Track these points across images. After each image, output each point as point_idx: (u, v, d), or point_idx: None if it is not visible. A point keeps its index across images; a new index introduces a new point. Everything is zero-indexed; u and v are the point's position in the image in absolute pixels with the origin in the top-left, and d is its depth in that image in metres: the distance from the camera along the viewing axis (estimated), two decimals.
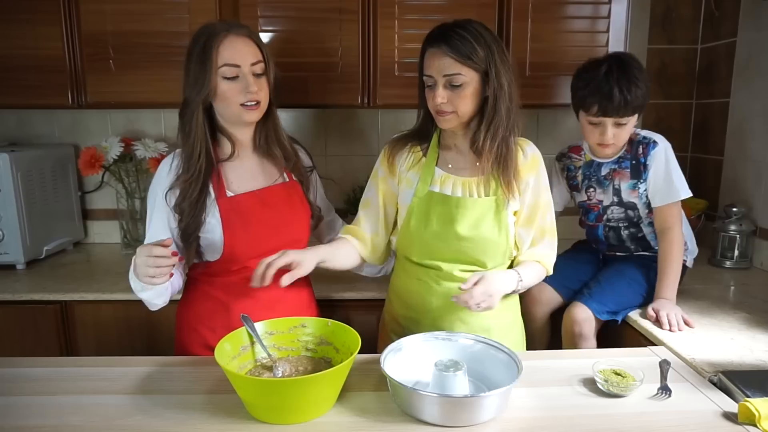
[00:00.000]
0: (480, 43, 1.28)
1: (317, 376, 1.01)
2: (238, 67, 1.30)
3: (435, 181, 1.39)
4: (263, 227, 1.38)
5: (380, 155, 1.48)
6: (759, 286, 1.85)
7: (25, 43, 1.92)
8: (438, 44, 1.28)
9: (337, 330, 1.19)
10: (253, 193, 1.39)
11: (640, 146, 1.66)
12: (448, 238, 1.35)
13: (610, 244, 1.80)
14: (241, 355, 1.17)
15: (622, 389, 1.12)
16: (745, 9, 2.06)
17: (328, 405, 1.08)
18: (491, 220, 1.35)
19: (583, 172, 1.77)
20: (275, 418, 1.03)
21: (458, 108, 1.30)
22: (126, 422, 1.04)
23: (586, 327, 1.60)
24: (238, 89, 1.31)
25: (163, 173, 1.37)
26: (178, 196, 1.33)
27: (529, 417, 1.06)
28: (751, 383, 1.16)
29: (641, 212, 1.70)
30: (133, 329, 1.82)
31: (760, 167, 2.00)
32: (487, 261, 1.37)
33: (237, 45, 1.30)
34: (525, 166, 1.37)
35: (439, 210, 1.36)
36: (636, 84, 1.55)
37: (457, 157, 1.41)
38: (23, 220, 1.99)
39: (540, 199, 1.40)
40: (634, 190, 1.68)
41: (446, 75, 1.28)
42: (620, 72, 1.56)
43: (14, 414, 1.06)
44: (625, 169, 1.68)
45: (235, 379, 1.03)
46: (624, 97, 1.54)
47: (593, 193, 1.75)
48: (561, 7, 1.94)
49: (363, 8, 1.91)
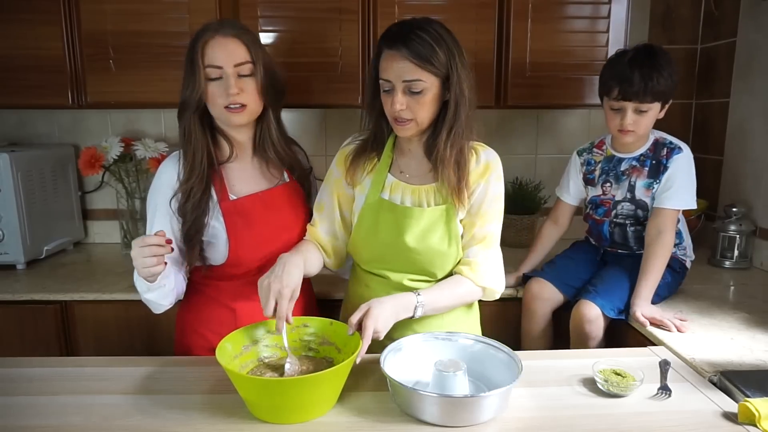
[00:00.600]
0: (441, 47, 1.21)
1: (318, 375, 1.01)
2: (221, 68, 1.27)
3: (386, 188, 1.35)
4: (267, 229, 1.38)
5: (335, 158, 1.43)
6: (759, 286, 1.85)
7: (25, 43, 1.92)
8: (396, 46, 1.21)
9: (339, 330, 1.20)
10: (255, 196, 1.39)
11: (664, 149, 1.66)
12: (397, 248, 1.32)
13: (613, 241, 1.80)
14: (242, 355, 1.17)
15: (622, 389, 1.12)
16: (745, 9, 2.06)
17: (329, 404, 1.08)
18: (441, 230, 1.31)
19: (602, 166, 1.77)
20: (276, 417, 1.04)
21: (417, 115, 1.25)
22: (126, 422, 1.04)
23: (597, 325, 1.60)
24: (220, 91, 1.28)
25: (165, 177, 1.35)
26: (181, 198, 1.32)
27: (529, 417, 1.06)
28: (751, 383, 1.16)
29: (649, 213, 1.69)
30: (133, 329, 1.82)
31: (760, 167, 2.00)
32: (437, 271, 1.34)
33: (222, 45, 1.28)
34: (475, 172, 1.32)
35: (387, 218, 1.32)
36: (659, 71, 1.56)
37: (410, 163, 1.36)
38: (23, 220, 1.99)
39: (483, 205, 1.32)
40: (648, 189, 1.67)
41: (405, 81, 1.21)
42: (644, 58, 1.57)
43: (14, 414, 1.06)
44: (645, 167, 1.68)
45: (236, 378, 1.03)
46: (645, 82, 1.55)
47: (609, 188, 1.75)
48: (561, 7, 1.94)
49: (363, 8, 1.91)
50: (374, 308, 1.18)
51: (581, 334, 1.62)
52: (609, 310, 1.60)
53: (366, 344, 1.12)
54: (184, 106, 1.33)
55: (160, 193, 1.35)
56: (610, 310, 1.60)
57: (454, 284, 1.33)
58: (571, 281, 1.77)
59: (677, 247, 1.73)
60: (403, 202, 1.34)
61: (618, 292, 1.65)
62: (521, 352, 1.19)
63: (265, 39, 1.91)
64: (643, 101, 1.58)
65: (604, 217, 1.78)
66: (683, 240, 1.76)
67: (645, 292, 1.59)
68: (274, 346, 1.22)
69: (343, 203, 1.41)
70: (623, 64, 1.59)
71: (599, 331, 1.61)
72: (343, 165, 1.40)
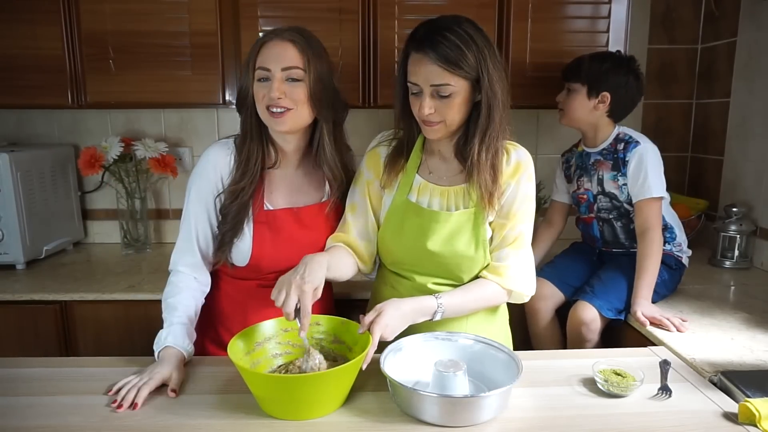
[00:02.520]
0: (470, 48, 1.17)
1: (324, 373, 1.04)
2: (269, 70, 1.26)
3: (413, 190, 1.33)
4: (293, 246, 1.35)
5: (365, 157, 1.40)
6: (759, 286, 1.85)
7: (25, 43, 1.92)
8: (423, 50, 1.18)
9: (351, 328, 1.20)
10: (290, 211, 1.37)
11: (622, 143, 1.72)
12: (421, 252, 1.29)
13: (605, 240, 1.83)
14: (254, 352, 1.18)
15: (622, 389, 1.12)
16: (745, 9, 2.06)
17: (337, 402, 1.08)
18: (468, 234, 1.28)
19: (576, 162, 1.85)
20: (285, 413, 1.05)
21: (446, 117, 1.22)
22: (126, 422, 1.04)
23: (593, 327, 1.61)
24: (265, 92, 1.27)
25: (213, 163, 1.32)
26: (226, 198, 1.31)
27: (529, 417, 1.06)
28: (751, 383, 1.16)
29: (625, 205, 1.74)
30: (133, 329, 1.82)
31: (760, 167, 2.00)
32: (463, 275, 1.31)
33: (274, 48, 1.27)
34: (506, 172, 1.28)
35: (413, 222, 1.30)
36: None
37: (439, 164, 1.34)
38: (23, 220, 1.99)
39: (514, 206, 1.29)
40: (614, 182, 1.73)
41: (433, 85, 1.18)
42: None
43: (14, 414, 1.06)
44: (608, 161, 1.74)
45: (247, 375, 1.04)
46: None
47: (582, 182, 1.82)
48: (561, 7, 1.94)
49: (363, 8, 1.91)
50: (385, 313, 1.16)
51: (579, 336, 1.63)
52: (607, 310, 1.61)
53: (372, 350, 1.11)
54: (238, 101, 1.34)
55: (203, 179, 1.33)
56: (608, 310, 1.61)
57: (478, 287, 1.30)
58: (571, 280, 1.79)
59: (671, 244, 1.75)
60: (430, 204, 1.31)
61: (615, 292, 1.66)
62: (521, 352, 1.19)
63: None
64: (570, 81, 1.75)
65: (588, 213, 1.83)
66: (676, 236, 1.77)
67: (643, 290, 1.59)
68: (285, 343, 1.22)
69: (375, 204, 1.38)
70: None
71: (595, 335, 1.62)
72: (373, 167, 1.37)
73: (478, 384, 1.15)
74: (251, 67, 1.29)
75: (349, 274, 1.34)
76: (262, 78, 1.27)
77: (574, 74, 1.74)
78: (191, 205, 1.33)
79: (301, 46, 1.27)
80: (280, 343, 1.23)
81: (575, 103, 1.74)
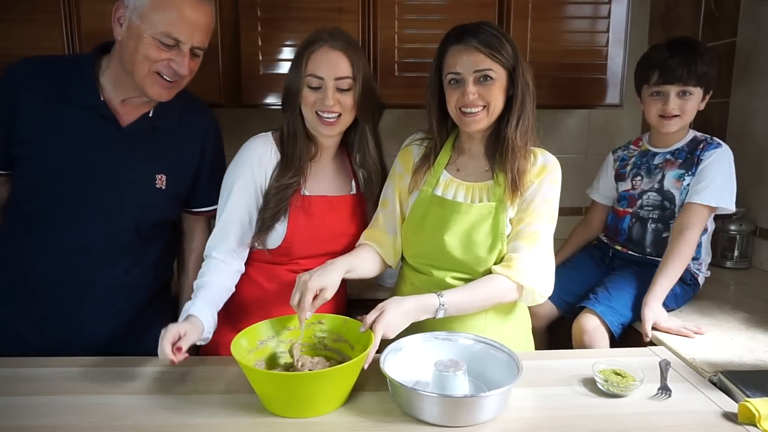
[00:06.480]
0: (507, 39, 1.28)
1: (323, 372, 1.04)
2: (322, 79, 1.32)
3: (440, 184, 1.37)
4: (325, 232, 1.42)
5: (399, 155, 1.46)
6: (759, 286, 1.85)
7: (25, 43, 1.91)
8: (466, 40, 1.26)
9: (353, 327, 1.20)
10: (325, 198, 1.43)
11: (701, 143, 1.65)
12: (438, 244, 1.32)
13: (630, 238, 1.74)
14: (258, 350, 1.19)
15: (622, 389, 1.12)
16: (745, 9, 2.06)
17: (339, 401, 1.09)
18: (487, 227, 1.30)
19: (635, 161, 1.77)
20: (287, 411, 1.05)
21: (490, 101, 1.27)
22: (126, 422, 1.04)
23: (596, 335, 1.53)
24: (316, 99, 1.33)
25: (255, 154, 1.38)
26: (274, 189, 1.36)
27: (529, 417, 1.06)
28: (751, 383, 1.16)
29: (676, 207, 1.65)
30: None
31: (760, 167, 2.00)
32: (481, 270, 1.32)
33: (327, 57, 1.32)
34: (531, 171, 1.32)
35: (435, 214, 1.34)
36: (699, 53, 1.59)
37: (468, 162, 1.39)
38: None
39: (533, 204, 1.31)
40: (678, 181, 1.64)
41: (477, 71, 1.26)
42: (683, 43, 1.61)
43: (14, 414, 1.06)
44: (679, 159, 1.67)
45: (249, 372, 1.05)
46: (687, 64, 1.57)
47: (638, 182, 1.73)
48: (561, 6, 1.94)
49: (363, 8, 1.91)
50: (387, 312, 1.17)
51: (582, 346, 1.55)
52: (614, 324, 1.55)
53: (374, 349, 1.12)
54: (286, 101, 1.38)
55: (245, 167, 1.37)
56: (615, 324, 1.55)
57: (485, 283, 1.29)
58: (569, 294, 1.70)
59: (693, 261, 1.66)
60: (455, 197, 1.35)
61: (621, 300, 1.58)
62: (521, 352, 1.19)
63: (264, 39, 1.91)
64: (687, 84, 1.59)
65: (627, 208, 1.75)
66: (701, 254, 1.69)
67: (659, 290, 1.52)
68: (289, 342, 1.23)
69: (403, 198, 1.43)
70: (661, 51, 1.61)
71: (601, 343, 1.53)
72: (405, 162, 1.43)
73: (478, 384, 1.15)
74: (302, 73, 1.33)
75: (373, 272, 1.40)
76: (314, 86, 1.32)
77: (687, 77, 1.58)
78: (234, 195, 1.37)
79: (350, 55, 1.33)
80: (283, 342, 1.24)
81: (693, 105, 1.62)
